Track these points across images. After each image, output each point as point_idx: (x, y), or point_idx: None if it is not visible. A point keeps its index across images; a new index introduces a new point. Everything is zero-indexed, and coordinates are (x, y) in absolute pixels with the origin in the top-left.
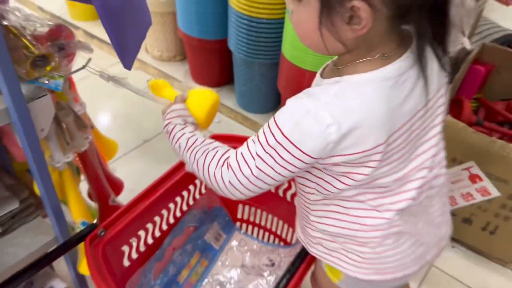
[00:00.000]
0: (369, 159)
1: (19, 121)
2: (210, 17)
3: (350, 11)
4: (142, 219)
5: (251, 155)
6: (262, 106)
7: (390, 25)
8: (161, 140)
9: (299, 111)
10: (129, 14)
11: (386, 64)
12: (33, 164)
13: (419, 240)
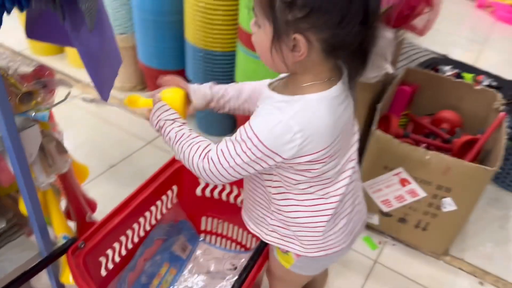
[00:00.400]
0: (321, 157)
1: (12, 148)
2: (168, 51)
3: (293, 41)
4: (116, 232)
5: (229, 152)
6: (220, 129)
7: (324, 57)
8: (127, 165)
9: (273, 120)
10: (105, 57)
11: (332, 86)
12: (23, 186)
13: (350, 219)
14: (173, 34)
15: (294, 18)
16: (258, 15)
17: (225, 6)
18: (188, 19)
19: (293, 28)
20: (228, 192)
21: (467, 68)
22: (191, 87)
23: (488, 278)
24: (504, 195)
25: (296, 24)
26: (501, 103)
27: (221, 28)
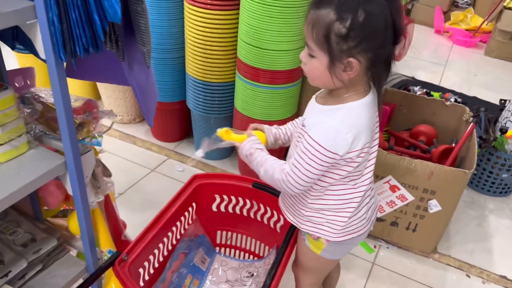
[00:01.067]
0: (362, 152)
1: (75, 170)
2: (169, 84)
3: (346, 64)
4: (151, 246)
5: (299, 163)
6: (219, 154)
7: (365, 72)
8: (134, 192)
9: (326, 127)
10: (149, 89)
11: (366, 95)
12: (80, 204)
13: (369, 207)
14: (174, 69)
15: (348, 47)
16: (312, 48)
17: (224, 41)
18: (189, 54)
19: (346, 53)
20: (241, 206)
21: (434, 88)
22: (265, 127)
23: (473, 270)
24: (478, 197)
25: (349, 51)
26: (470, 115)
27: (220, 61)
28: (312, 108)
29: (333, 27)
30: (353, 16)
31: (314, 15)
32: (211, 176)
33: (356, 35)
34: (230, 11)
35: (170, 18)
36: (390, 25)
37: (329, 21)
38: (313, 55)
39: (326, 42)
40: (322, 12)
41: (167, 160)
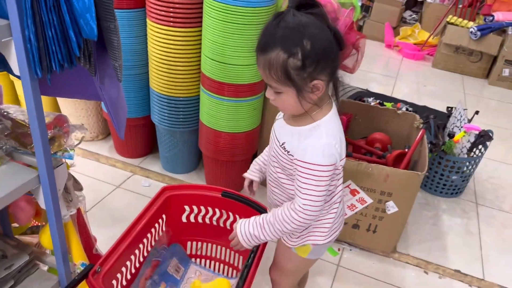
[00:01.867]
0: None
1: (48, 184)
2: (133, 100)
3: (312, 87)
4: (124, 258)
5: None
6: (186, 166)
7: (327, 85)
8: (100, 209)
9: (318, 147)
10: (120, 103)
11: (331, 106)
12: (53, 218)
13: (342, 206)
14: (138, 85)
15: (308, 73)
16: (277, 87)
17: (188, 56)
18: (153, 70)
19: (309, 79)
20: (211, 216)
21: (387, 98)
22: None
23: (430, 267)
24: (432, 199)
25: (311, 75)
26: (420, 122)
27: (184, 76)
28: (285, 130)
29: (287, 63)
30: (301, 47)
31: (265, 60)
32: (180, 187)
33: (311, 61)
34: (192, 28)
35: (133, 35)
36: (332, 37)
37: (282, 60)
38: (279, 91)
39: (288, 78)
40: (271, 55)
41: (132, 176)
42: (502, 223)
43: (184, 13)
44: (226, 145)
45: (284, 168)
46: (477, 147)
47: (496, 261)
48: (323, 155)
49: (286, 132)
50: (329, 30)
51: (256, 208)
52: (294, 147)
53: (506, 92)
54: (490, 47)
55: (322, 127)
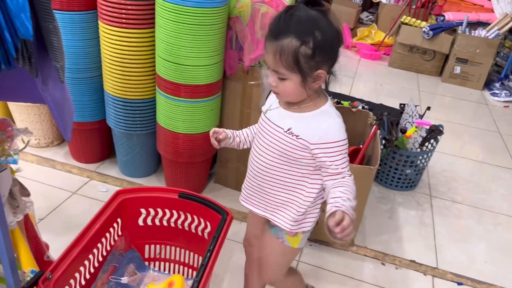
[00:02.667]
0: None
1: None
2: (87, 104)
3: (315, 76)
4: (76, 263)
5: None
6: (145, 170)
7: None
8: (55, 216)
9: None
10: (65, 105)
11: (327, 96)
12: None
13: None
14: (92, 88)
15: (315, 62)
16: (283, 73)
17: (142, 58)
18: (107, 73)
19: (315, 67)
20: (168, 218)
21: (344, 98)
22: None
23: (387, 258)
24: (387, 192)
25: (317, 64)
26: (373, 119)
27: (139, 78)
28: (288, 117)
29: (299, 51)
30: (313, 37)
31: (277, 45)
32: (135, 190)
33: (320, 52)
34: (145, 29)
35: (85, 38)
36: (337, 32)
37: (295, 47)
38: (284, 78)
39: (296, 64)
40: (284, 41)
41: (89, 181)
42: (454, 214)
43: (136, 14)
44: (184, 146)
45: (286, 153)
46: (428, 141)
47: (449, 250)
48: (342, 131)
49: (289, 119)
50: (334, 24)
51: (214, 208)
52: (307, 131)
53: (458, 88)
54: (442, 45)
55: (330, 110)
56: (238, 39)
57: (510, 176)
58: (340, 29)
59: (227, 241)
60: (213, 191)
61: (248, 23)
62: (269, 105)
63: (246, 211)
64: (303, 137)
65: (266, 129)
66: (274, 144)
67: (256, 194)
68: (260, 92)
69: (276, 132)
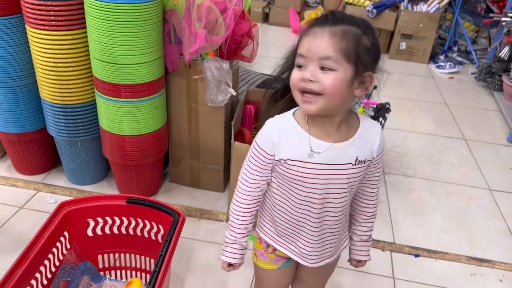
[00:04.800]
0: None
1: None
2: (24, 113)
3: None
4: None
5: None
6: (94, 176)
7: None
8: (2, 234)
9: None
10: None
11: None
12: None
13: None
14: (28, 96)
15: (369, 59)
16: (337, 60)
17: (76, 60)
18: (41, 79)
19: (367, 66)
20: (119, 225)
21: None
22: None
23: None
24: None
25: (370, 64)
26: None
27: (75, 81)
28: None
29: (361, 39)
30: (371, 34)
31: (336, 29)
32: (80, 200)
33: (374, 51)
34: (76, 30)
35: (14, 44)
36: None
37: (358, 34)
38: (334, 68)
39: (355, 52)
40: (345, 27)
41: (36, 194)
42: (407, 188)
43: (65, 15)
44: (132, 148)
45: (352, 187)
46: (377, 120)
47: (404, 224)
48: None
49: (349, 150)
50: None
51: (164, 210)
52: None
53: (405, 64)
54: (386, 23)
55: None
56: (176, 32)
57: (459, 145)
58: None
59: (186, 240)
60: (169, 190)
61: (184, 15)
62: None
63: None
64: (369, 157)
65: (323, 175)
66: (341, 185)
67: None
68: (206, 85)
69: (341, 171)
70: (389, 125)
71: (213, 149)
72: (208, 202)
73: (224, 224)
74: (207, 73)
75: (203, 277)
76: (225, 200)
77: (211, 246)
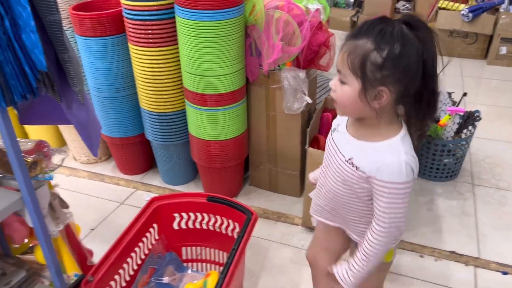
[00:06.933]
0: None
1: (31, 204)
2: (127, 120)
3: (377, 93)
4: (115, 267)
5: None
6: (183, 178)
7: (394, 104)
8: (105, 226)
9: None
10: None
11: (401, 127)
12: (40, 234)
13: None
14: (129, 105)
15: (381, 76)
16: (345, 74)
17: (169, 73)
18: (140, 90)
19: (379, 82)
20: (200, 221)
21: None
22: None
23: (425, 250)
24: (427, 184)
25: (382, 80)
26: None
27: (169, 92)
28: (351, 145)
29: (370, 55)
30: (390, 47)
31: (352, 44)
32: (167, 197)
33: (390, 66)
34: (170, 47)
35: (118, 59)
36: (421, 64)
37: (367, 50)
38: (345, 81)
39: (361, 68)
40: (360, 41)
41: (135, 191)
42: (498, 201)
43: (161, 33)
44: (216, 152)
45: (347, 182)
46: (466, 128)
47: (491, 238)
48: (405, 172)
49: (352, 147)
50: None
51: (239, 208)
52: (367, 163)
53: (505, 70)
54: (484, 27)
55: (399, 144)
56: (257, 45)
57: None
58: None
59: (262, 241)
60: (249, 193)
61: (264, 29)
62: (337, 124)
63: (283, 211)
64: (364, 170)
65: (331, 153)
66: (336, 171)
67: (328, 210)
68: (283, 94)
69: (337, 158)
70: (481, 134)
71: (289, 155)
72: (285, 206)
73: (299, 228)
74: (284, 82)
75: (277, 276)
76: (301, 205)
77: (286, 248)
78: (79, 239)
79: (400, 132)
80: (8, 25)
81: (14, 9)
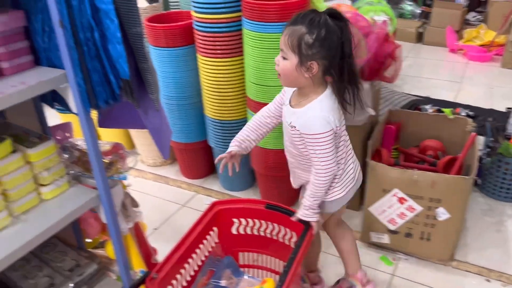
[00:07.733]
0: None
1: (106, 202)
2: (192, 126)
3: (309, 66)
4: (177, 266)
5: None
6: (242, 184)
7: (322, 75)
8: (167, 226)
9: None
10: (163, 129)
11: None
12: (113, 231)
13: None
14: (195, 113)
15: (312, 53)
16: (286, 52)
17: (234, 83)
18: (206, 98)
19: (310, 58)
20: (258, 227)
21: (447, 104)
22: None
23: (492, 275)
24: (496, 205)
25: (312, 56)
26: (472, 125)
27: (232, 101)
28: (290, 112)
29: (304, 37)
30: (318, 32)
31: (291, 29)
32: (228, 202)
33: (318, 45)
34: (235, 58)
35: (187, 69)
36: (339, 44)
37: (302, 33)
38: (286, 57)
39: (298, 46)
40: (296, 27)
41: (195, 195)
42: None
43: (228, 45)
44: (274, 161)
45: (292, 140)
46: None
47: None
48: (321, 124)
49: (291, 113)
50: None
51: None
52: (299, 123)
53: None
54: None
55: (317, 104)
56: None
57: None
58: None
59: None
60: None
61: None
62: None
63: None
64: (299, 128)
65: (283, 120)
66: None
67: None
68: None
69: (286, 125)
70: None
71: None
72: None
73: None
74: None
75: None
76: (359, 220)
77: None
78: (146, 237)
79: (321, 95)
80: (97, 36)
81: (103, 22)
